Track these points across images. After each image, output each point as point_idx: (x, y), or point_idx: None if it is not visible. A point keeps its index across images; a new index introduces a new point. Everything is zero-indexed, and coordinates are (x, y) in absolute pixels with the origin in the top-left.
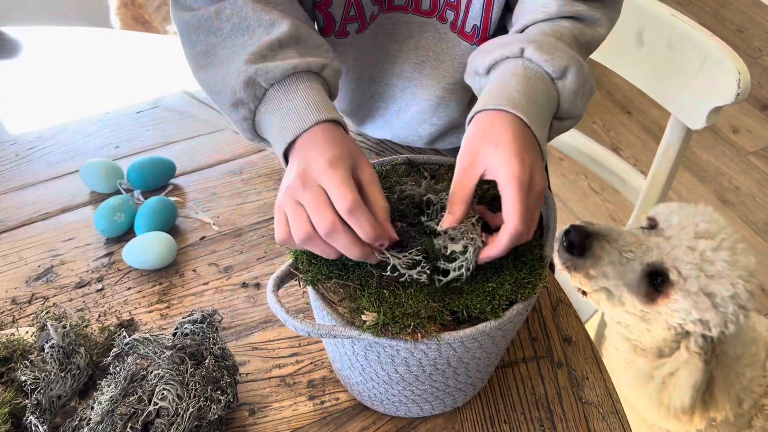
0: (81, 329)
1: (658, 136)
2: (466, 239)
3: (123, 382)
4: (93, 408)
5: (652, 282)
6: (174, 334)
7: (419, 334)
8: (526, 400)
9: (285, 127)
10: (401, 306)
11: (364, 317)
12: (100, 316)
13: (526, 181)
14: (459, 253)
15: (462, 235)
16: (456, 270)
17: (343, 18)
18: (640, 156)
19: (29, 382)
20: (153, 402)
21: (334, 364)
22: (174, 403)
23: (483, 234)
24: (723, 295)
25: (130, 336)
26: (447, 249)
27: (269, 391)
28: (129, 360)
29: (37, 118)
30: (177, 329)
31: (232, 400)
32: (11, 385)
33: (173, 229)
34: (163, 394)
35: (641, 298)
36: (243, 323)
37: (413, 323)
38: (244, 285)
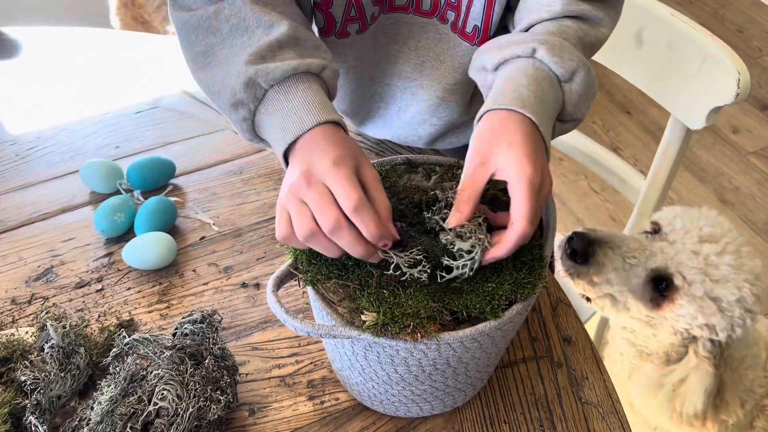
0: (81, 329)
1: (657, 136)
2: (474, 238)
3: (123, 382)
4: (93, 408)
5: (657, 287)
6: (174, 334)
7: (419, 334)
8: (525, 400)
9: (285, 128)
10: (401, 306)
11: (363, 317)
12: (99, 316)
13: (537, 184)
14: (465, 252)
15: (471, 234)
16: (460, 268)
17: (344, 18)
18: (639, 156)
19: (29, 382)
20: (153, 402)
21: (333, 364)
22: (174, 404)
23: (487, 234)
24: (729, 300)
25: (129, 336)
26: (454, 246)
27: (269, 391)
28: (129, 360)
29: (37, 118)
30: (177, 329)
31: (231, 400)
32: (11, 386)
33: (173, 230)
34: (163, 394)
35: (646, 303)
36: (243, 323)
37: (413, 323)
38: (243, 285)
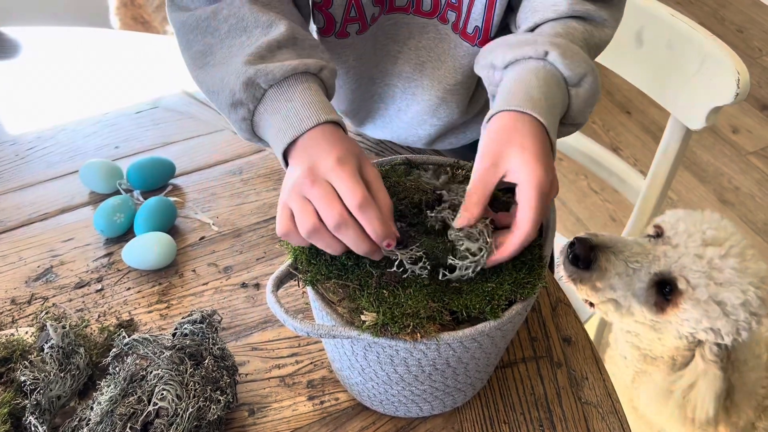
0: (80, 329)
1: (657, 136)
2: (483, 240)
3: (122, 382)
4: (92, 408)
5: (660, 291)
6: (173, 334)
7: (418, 334)
8: (525, 400)
9: (285, 128)
10: (400, 306)
11: (363, 317)
12: (99, 316)
13: (547, 188)
14: (471, 254)
15: (479, 236)
16: (464, 269)
17: (344, 19)
18: (639, 156)
19: (29, 382)
20: (152, 402)
21: (333, 364)
22: (173, 404)
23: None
24: (733, 303)
25: (129, 336)
26: (462, 244)
27: (269, 392)
28: (128, 360)
29: (37, 118)
30: (176, 329)
31: (231, 400)
32: (11, 386)
33: (173, 230)
34: (163, 394)
35: (650, 307)
36: (242, 323)
37: (412, 323)
38: (243, 285)
